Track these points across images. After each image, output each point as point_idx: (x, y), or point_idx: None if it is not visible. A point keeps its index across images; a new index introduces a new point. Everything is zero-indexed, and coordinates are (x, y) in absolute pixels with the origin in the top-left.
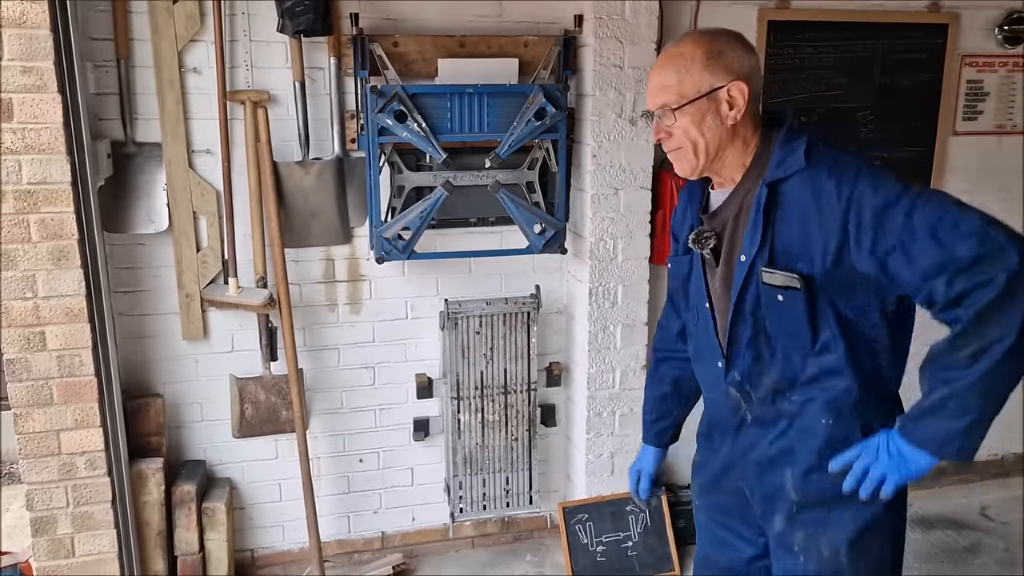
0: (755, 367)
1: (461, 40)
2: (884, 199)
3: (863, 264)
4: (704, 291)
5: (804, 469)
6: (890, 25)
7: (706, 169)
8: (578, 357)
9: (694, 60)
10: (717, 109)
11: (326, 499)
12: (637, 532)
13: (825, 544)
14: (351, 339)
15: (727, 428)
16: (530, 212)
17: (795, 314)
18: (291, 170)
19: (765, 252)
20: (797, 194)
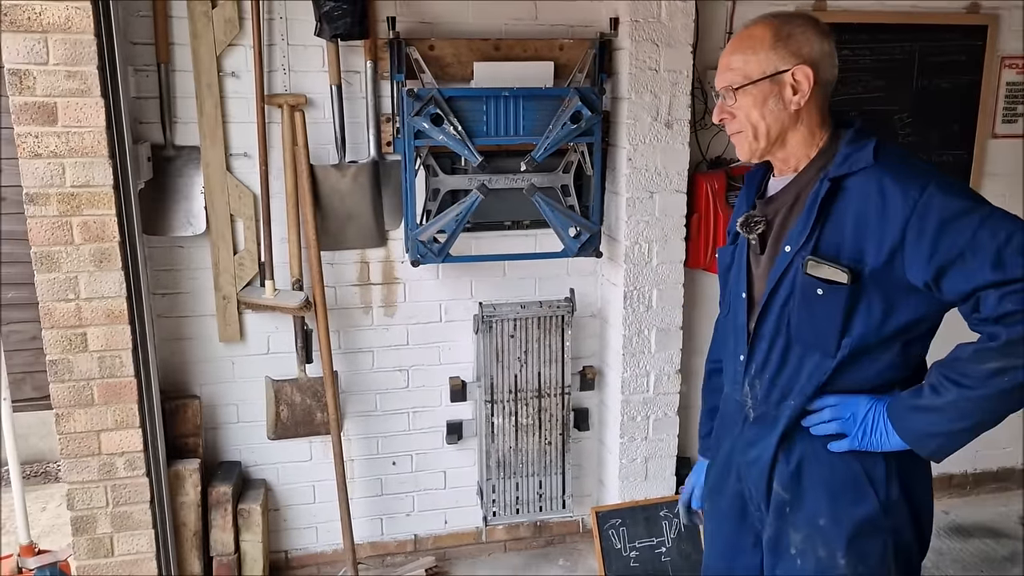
0: (767, 365)
1: (496, 43)
2: (953, 210)
3: (916, 271)
4: (744, 280)
5: (793, 467)
6: (928, 27)
7: (766, 154)
8: (612, 361)
9: (762, 41)
10: (780, 92)
11: (359, 501)
12: (671, 538)
13: (821, 545)
14: (385, 342)
15: (732, 426)
16: (565, 215)
17: (829, 312)
18: (327, 173)
19: (810, 247)
20: (859, 191)
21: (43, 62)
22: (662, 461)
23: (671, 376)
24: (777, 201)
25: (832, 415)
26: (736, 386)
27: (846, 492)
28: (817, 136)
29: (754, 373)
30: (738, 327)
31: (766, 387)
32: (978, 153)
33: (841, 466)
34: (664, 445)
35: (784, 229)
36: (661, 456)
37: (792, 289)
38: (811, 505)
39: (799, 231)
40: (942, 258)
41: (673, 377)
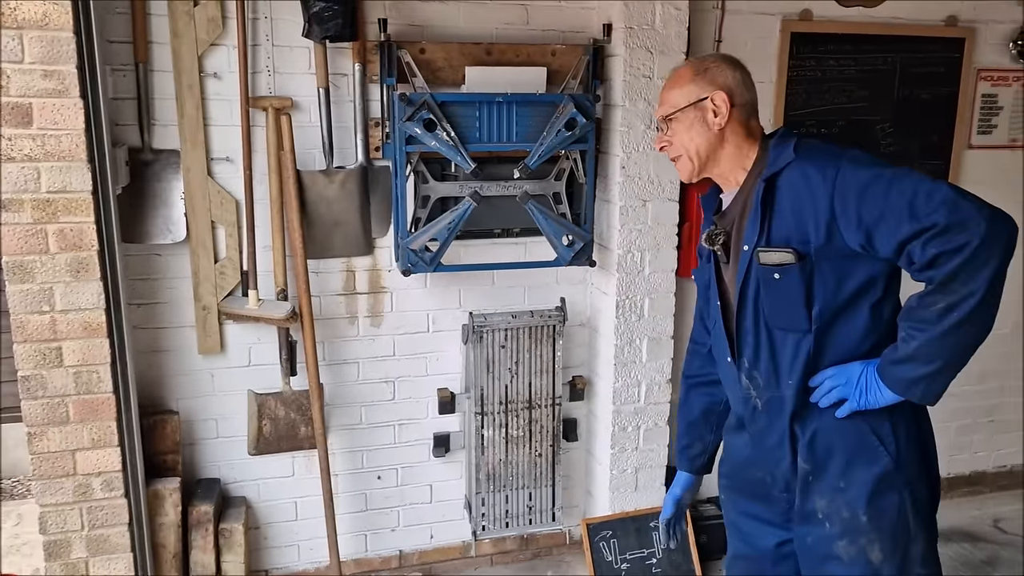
0: (757, 354)
1: (488, 48)
2: (865, 178)
3: (851, 237)
4: (716, 291)
5: (808, 439)
6: (909, 39)
7: (703, 172)
8: (602, 371)
9: (684, 77)
10: (704, 117)
11: (344, 517)
12: (661, 549)
13: (844, 507)
14: (371, 353)
15: (743, 419)
16: (559, 224)
17: (790, 292)
18: (315, 179)
19: (763, 240)
20: (790, 184)
21: (18, 60)
22: (652, 471)
23: (662, 386)
24: (730, 212)
25: (831, 384)
26: (736, 385)
27: (860, 454)
28: (745, 149)
29: (748, 367)
30: (719, 334)
31: (764, 376)
32: (954, 163)
33: (851, 430)
34: (654, 455)
35: (740, 234)
36: (651, 466)
37: (757, 282)
38: (830, 471)
39: (751, 230)
40: (867, 222)
41: (664, 386)
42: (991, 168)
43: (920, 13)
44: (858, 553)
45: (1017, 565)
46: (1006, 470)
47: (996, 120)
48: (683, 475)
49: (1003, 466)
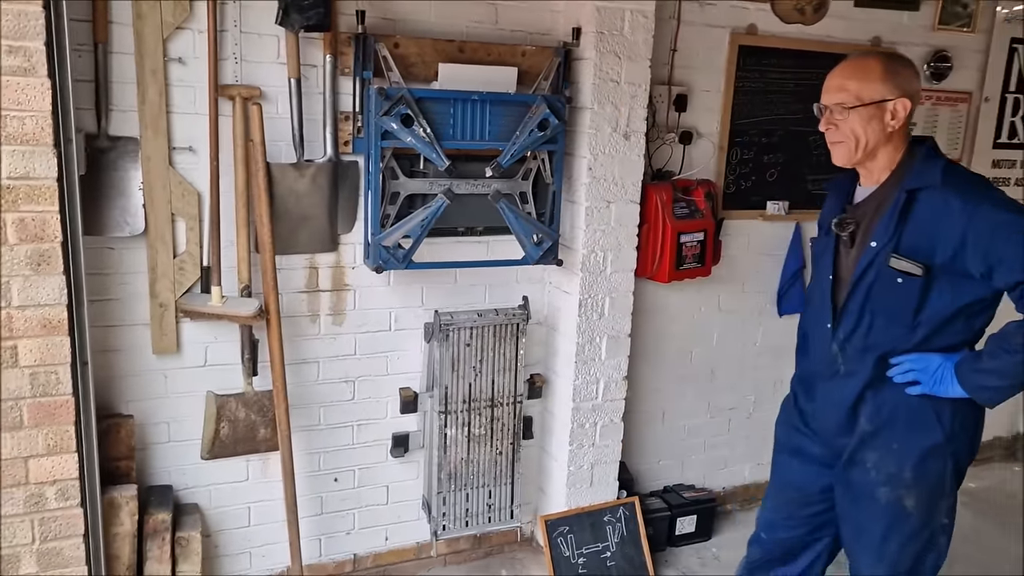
0: (856, 331)
1: (461, 45)
2: (1001, 220)
3: (974, 265)
4: (831, 266)
5: (877, 403)
6: (842, 56)
7: (859, 163)
8: (560, 369)
9: (875, 72)
10: (882, 116)
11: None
12: (615, 542)
13: (893, 463)
14: (332, 352)
15: (822, 376)
16: (528, 223)
17: (907, 296)
18: (285, 172)
19: (892, 243)
20: (929, 202)
21: None
22: (607, 467)
23: (618, 383)
24: (864, 206)
25: (911, 366)
26: (826, 347)
27: (917, 426)
28: (898, 153)
29: (843, 338)
30: (824, 301)
31: (854, 348)
32: None
33: (916, 405)
34: (609, 451)
35: (869, 228)
36: (606, 462)
37: (876, 276)
38: (888, 433)
39: (884, 231)
40: (993, 258)
41: (620, 384)
42: None
43: (850, 33)
44: (896, 500)
45: None
46: None
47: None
48: None
49: None
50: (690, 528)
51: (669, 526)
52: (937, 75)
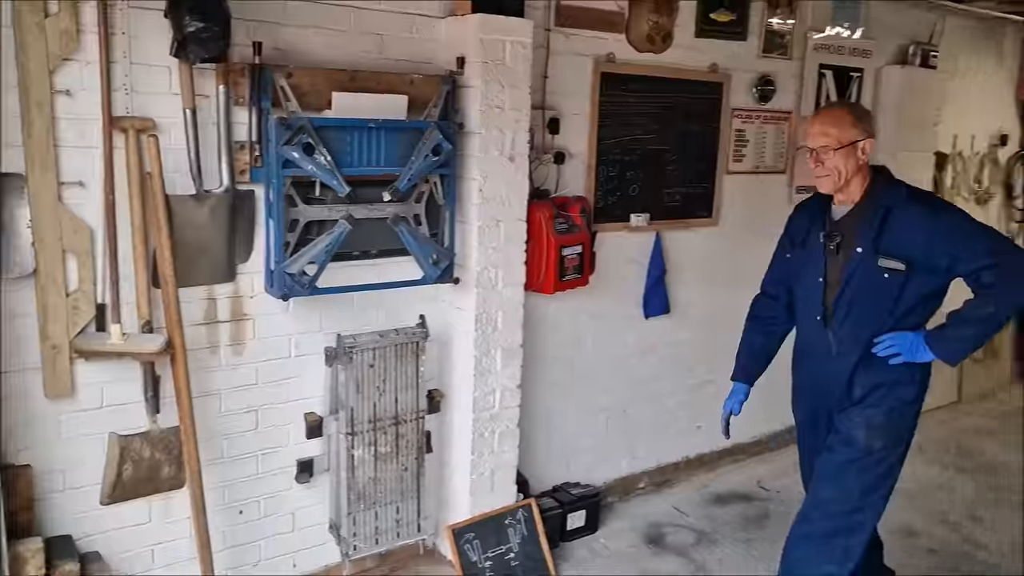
0: (846, 322)
1: (352, 75)
2: (955, 224)
3: (940, 260)
4: (820, 270)
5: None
6: (686, 81)
7: (840, 189)
8: (458, 383)
9: (847, 120)
10: (855, 153)
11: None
12: (516, 543)
13: (876, 413)
14: (234, 383)
15: (819, 355)
16: (426, 244)
17: (890, 288)
18: (184, 204)
19: (875, 249)
20: (900, 217)
21: None
22: (506, 472)
23: (513, 391)
24: (844, 223)
25: (891, 343)
26: (820, 336)
27: (898, 385)
28: (865, 180)
29: (836, 327)
30: (814, 300)
31: (846, 334)
32: (718, 186)
33: (896, 371)
34: (508, 457)
35: (852, 239)
36: (505, 468)
37: (862, 275)
38: (877, 394)
39: (866, 239)
40: (954, 254)
41: (514, 392)
42: (741, 190)
43: (693, 60)
44: (868, 440)
45: (783, 514)
46: (758, 440)
47: (745, 151)
48: (743, 386)
49: (755, 436)
50: (580, 523)
51: (561, 523)
52: (763, 97)
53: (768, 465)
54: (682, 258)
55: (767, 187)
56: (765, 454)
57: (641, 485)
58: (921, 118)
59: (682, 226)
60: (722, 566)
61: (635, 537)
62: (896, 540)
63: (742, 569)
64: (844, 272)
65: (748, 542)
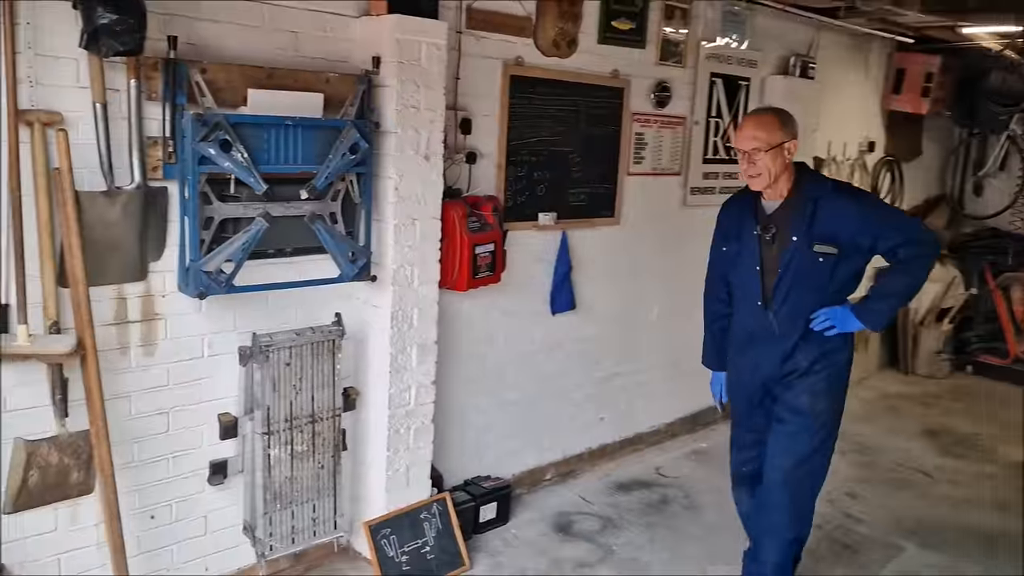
0: (785, 304)
1: (269, 72)
2: (875, 209)
3: (864, 241)
4: (757, 260)
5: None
6: (590, 86)
7: (769, 186)
8: (374, 380)
9: (774, 124)
10: (782, 153)
11: (111, 566)
12: (432, 536)
13: (818, 380)
14: (144, 384)
15: (760, 338)
16: (343, 242)
17: (823, 271)
18: (94, 200)
19: (808, 236)
20: (827, 207)
21: None
22: (421, 468)
23: (428, 388)
24: (777, 214)
25: (825, 317)
26: (762, 318)
27: (832, 352)
28: (791, 176)
29: (776, 310)
30: (753, 287)
31: (786, 315)
32: (620, 187)
33: (831, 340)
34: (422, 452)
35: (786, 230)
36: (420, 463)
37: (798, 261)
38: (817, 363)
39: (800, 229)
40: (877, 234)
41: (429, 388)
42: (641, 190)
43: (596, 66)
44: (812, 404)
45: (681, 499)
46: (655, 430)
47: (644, 153)
48: (720, 373)
49: (653, 426)
50: (492, 515)
51: (474, 515)
52: (659, 102)
53: (666, 454)
54: (587, 256)
55: (664, 188)
56: (664, 443)
57: (548, 476)
58: (801, 125)
59: (587, 225)
60: (627, 549)
61: (544, 526)
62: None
63: (646, 550)
64: (781, 260)
65: (650, 526)
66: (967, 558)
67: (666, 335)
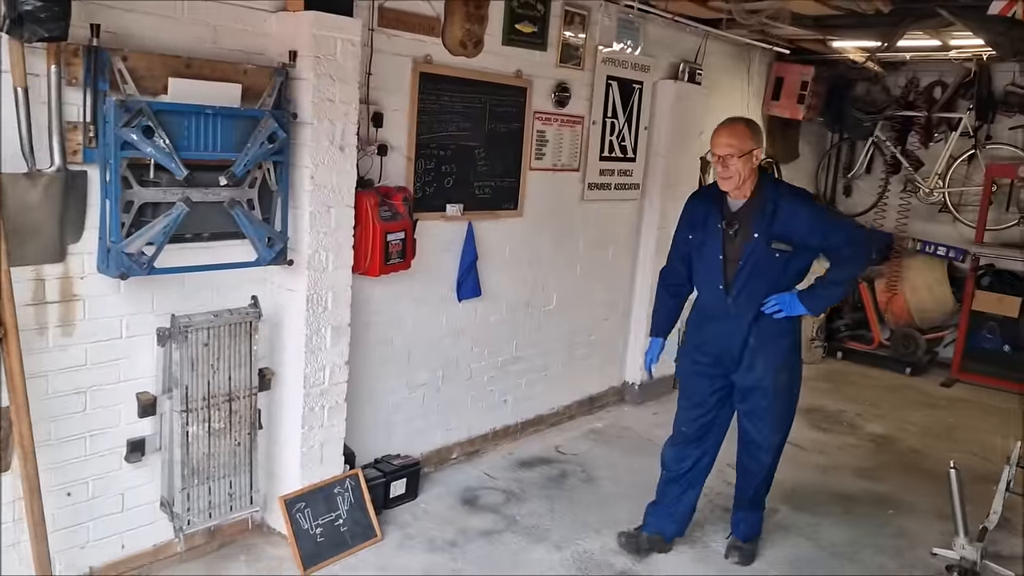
0: (743, 291)
1: (188, 61)
2: (823, 212)
3: (814, 240)
4: (719, 251)
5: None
6: (495, 84)
7: (738, 187)
8: (289, 360)
9: (744, 132)
10: (751, 159)
11: (27, 544)
12: (345, 510)
13: (773, 358)
14: (62, 364)
15: (719, 317)
16: (261, 227)
17: (779, 265)
18: (16, 182)
19: (768, 234)
20: (785, 209)
21: None
22: (334, 445)
23: (341, 367)
24: (741, 212)
25: (775, 302)
26: (721, 302)
27: (781, 335)
28: (754, 179)
29: (735, 296)
30: (715, 273)
31: (743, 300)
32: (523, 181)
33: (780, 323)
34: (336, 430)
35: (748, 227)
36: (333, 440)
37: (758, 255)
38: (769, 343)
39: (760, 226)
40: (824, 234)
41: (343, 368)
42: (543, 185)
43: (501, 66)
44: (776, 379)
45: (579, 473)
46: (555, 411)
47: (545, 150)
48: (659, 340)
49: (552, 408)
50: (401, 491)
51: (385, 491)
52: (560, 102)
53: (565, 434)
54: (492, 246)
55: (563, 183)
56: (563, 424)
57: (454, 455)
58: (689, 127)
59: (492, 216)
60: (529, 518)
61: (452, 501)
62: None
63: (546, 518)
64: (742, 252)
65: (550, 497)
66: (830, 516)
67: (564, 323)
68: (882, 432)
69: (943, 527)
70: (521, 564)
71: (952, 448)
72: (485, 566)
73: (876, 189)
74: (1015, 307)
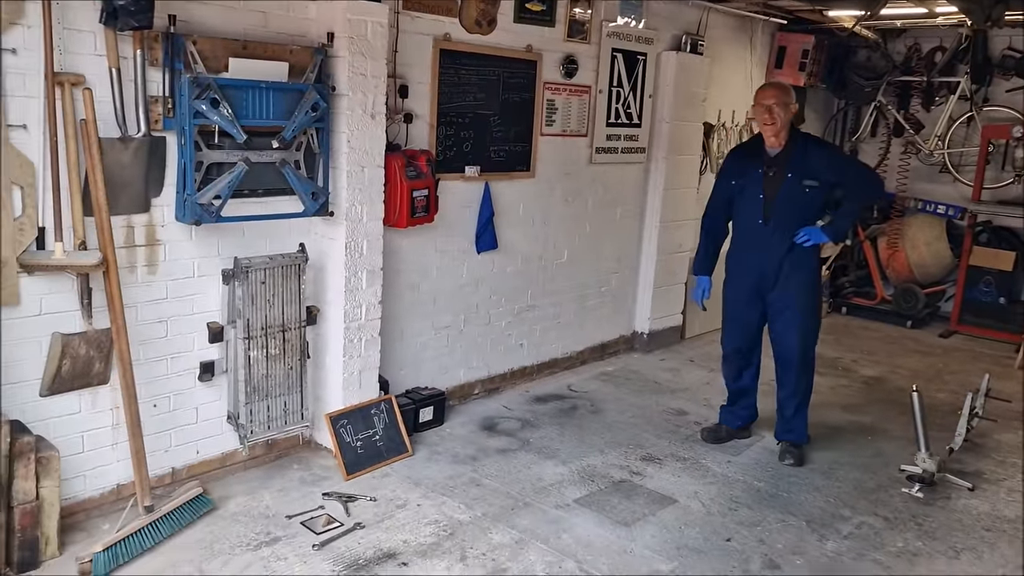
0: (780, 221)
1: (244, 43)
2: (841, 154)
3: (835, 176)
4: (760, 191)
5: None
6: (508, 59)
7: (777, 134)
8: (332, 299)
9: (786, 88)
10: (789, 111)
11: (123, 445)
12: (380, 428)
13: (802, 280)
14: (148, 297)
15: (759, 248)
16: (307, 183)
17: (811, 201)
18: (112, 145)
19: (800, 173)
20: (813, 152)
21: None
22: (370, 373)
23: (375, 306)
24: (778, 158)
25: (805, 233)
26: (762, 233)
27: (808, 263)
28: (787, 131)
29: (773, 228)
30: (756, 209)
31: (780, 230)
32: (534, 145)
33: (807, 255)
34: (372, 360)
35: (783, 169)
36: (370, 369)
37: (793, 192)
38: (797, 270)
39: (795, 168)
40: (842, 172)
41: (376, 307)
42: (553, 149)
43: (513, 42)
44: (804, 295)
45: (587, 406)
46: (570, 356)
47: (555, 117)
48: (706, 278)
49: (567, 353)
50: (429, 417)
51: (415, 416)
52: (568, 74)
53: (577, 376)
54: (507, 204)
55: (572, 147)
56: (575, 367)
57: (476, 391)
58: (692, 95)
59: (506, 177)
60: (541, 441)
61: (473, 427)
62: (672, 418)
63: (556, 441)
64: (779, 190)
65: (561, 425)
66: (814, 443)
67: (575, 275)
68: (874, 375)
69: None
70: (533, 475)
71: (938, 388)
72: (501, 475)
73: (879, 151)
74: (1010, 261)
